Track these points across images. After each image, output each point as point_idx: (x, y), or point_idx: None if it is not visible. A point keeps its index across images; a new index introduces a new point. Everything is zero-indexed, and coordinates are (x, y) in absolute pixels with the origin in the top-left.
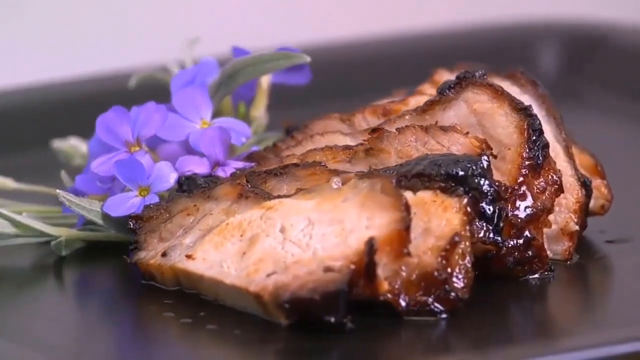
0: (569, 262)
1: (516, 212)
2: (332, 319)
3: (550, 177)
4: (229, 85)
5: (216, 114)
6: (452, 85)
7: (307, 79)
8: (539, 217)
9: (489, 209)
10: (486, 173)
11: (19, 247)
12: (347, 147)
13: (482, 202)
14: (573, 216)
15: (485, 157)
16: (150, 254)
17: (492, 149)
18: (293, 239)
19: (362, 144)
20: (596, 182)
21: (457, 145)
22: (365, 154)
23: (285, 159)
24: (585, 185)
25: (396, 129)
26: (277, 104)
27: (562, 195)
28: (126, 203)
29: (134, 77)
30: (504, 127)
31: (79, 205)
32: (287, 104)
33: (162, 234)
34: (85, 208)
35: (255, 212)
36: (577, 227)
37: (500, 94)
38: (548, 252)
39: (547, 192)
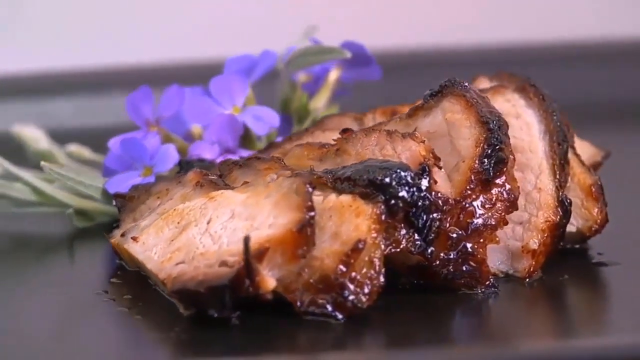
0: (527, 280)
1: (456, 225)
2: (215, 314)
3: (502, 193)
4: (284, 74)
5: (284, 102)
6: (434, 93)
7: (378, 76)
8: (481, 232)
9: (421, 219)
10: (417, 183)
11: (50, 216)
12: (322, 146)
13: (413, 212)
14: (538, 234)
15: (425, 167)
16: (118, 233)
17: (439, 160)
18: (211, 230)
19: (334, 144)
20: (588, 204)
21: (407, 152)
22: (334, 154)
23: (276, 151)
24: (563, 205)
25: (364, 132)
26: (359, 100)
27: (534, 212)
28: (127, 181)
29: None
30: (466, 138)
31: (72, 180)
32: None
33: (136, 215)
34: (82, 183)
35: (200, 201)
36: (536, 246)
37: (470, 106)
38: (509, 270)
39: (495, 208)
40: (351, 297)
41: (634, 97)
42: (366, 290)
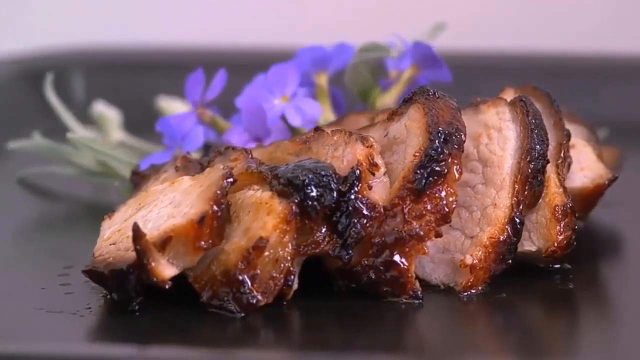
0: (464, 294)
1: (382, 232)
2: (115, 296)
3: (435, 205)
4: (359, 67)
5: (362, 94)
6: (406, 99)
7: (448, 78)
8: (406, 241)
9: (342, 223)
10: (338, 186)
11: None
12: (303, 142)
13: (335, 215)
14: (480, 250)
15: (355, 172)
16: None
17: (376, 167)
18: (149, 215)
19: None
20: (550, 225)
21: (350, 155)
22: (306, 151)
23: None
24: (514, 223)
25: (332, 131)
26: None
27: (485, 227)
28: (160, 160)
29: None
30: (412, 146)
31: (104, 154)
32: None
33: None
34: (116, 158)
35: (165, 184)
36: (471, 261)
37: (424, 115)
38: (451, 282)
39: (425, 219)
40: (247, 294)
41: None
42: (265, 289)
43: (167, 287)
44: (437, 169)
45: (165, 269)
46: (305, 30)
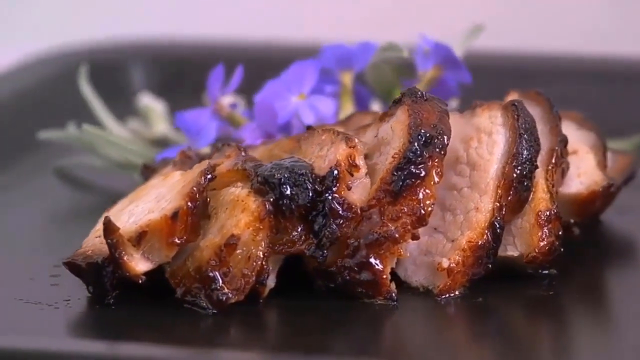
0: (440, 298)
1: (357, 233)
2: (91, 289)
3: (412, 207)
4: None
5: (386, 93)
6: (396, 101)
7: (468, 79)
8: (381, 243)
9: (317, 223)
10: (315, 186)
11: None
12: (297, 141)
13: (312, 214)
14: (457, 254)
15: (333, 172)
16: None
17: (356, 168)
18: (135, 209)
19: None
20: (533, 230)
21: (332, 155)
22: (298, 150)
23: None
24: (494, 228)
25: (322, 131)
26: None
27: (465, 232)
28: (174, 154)
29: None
30: (394, 148)
31: (118, 146)
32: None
33: None
34: (131, 151)
35: (157, 180)
36: (447, 265)
37: (407, 117)
38: (430, 285)
39: (400, 221)
40: (218, 290)
41: None
42: (236, 286)
43: (140, 281)
44: (415, 171)
45: (138, 264)
46: (348, 28)
